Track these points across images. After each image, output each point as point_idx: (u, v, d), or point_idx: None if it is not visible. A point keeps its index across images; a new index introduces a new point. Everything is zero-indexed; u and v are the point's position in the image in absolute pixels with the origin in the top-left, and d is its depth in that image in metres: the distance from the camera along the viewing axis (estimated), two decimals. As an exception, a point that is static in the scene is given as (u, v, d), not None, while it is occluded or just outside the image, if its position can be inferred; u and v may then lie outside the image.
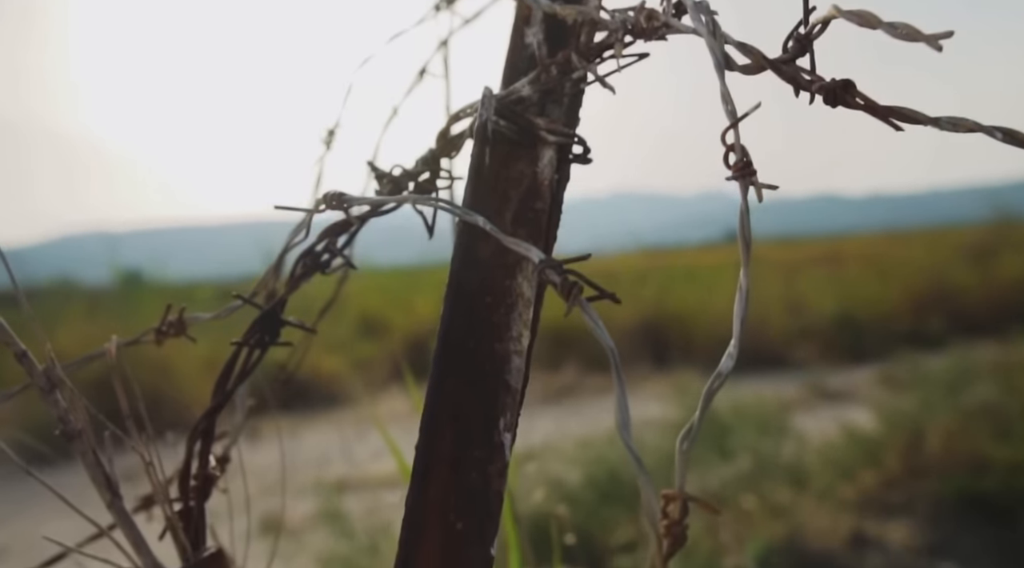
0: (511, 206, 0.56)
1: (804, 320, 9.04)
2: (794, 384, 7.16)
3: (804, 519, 4.11)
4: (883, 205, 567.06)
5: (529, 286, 0.55)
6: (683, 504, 0.42)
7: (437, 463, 0.52)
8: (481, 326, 0.54)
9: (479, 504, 0.52)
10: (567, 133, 0.58)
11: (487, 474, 0.52)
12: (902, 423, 4.97)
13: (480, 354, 0.53)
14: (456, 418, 0.53)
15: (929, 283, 9.77)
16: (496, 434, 0.52)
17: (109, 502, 0.59)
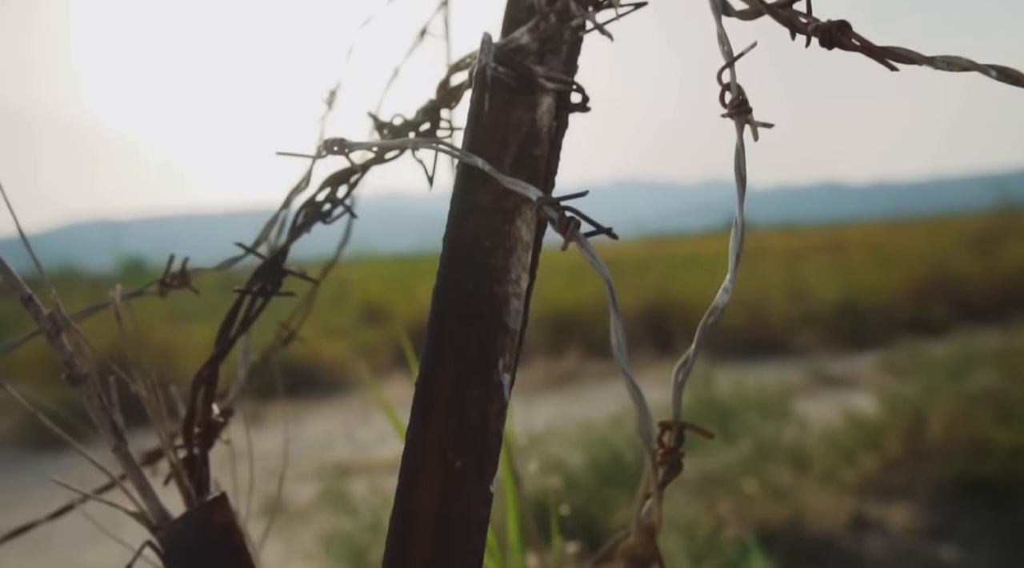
0: (510, 152, 0.56)
1: (806, 307, 9.04)
2: (796, 370, 7.17)
3: (805, 502, 4.13)
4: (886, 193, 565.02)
5: (528, 230, 0.56)
6: (679, 432, 0.42)
7: (436, 403, 0.53)
8: (480, 270, 0.54)
9: (478, 443, 0.52)
10: (565, 81, 0.58)
11: (486, 413, 0.53)
12: (904, 408, 4.98)
13: (479, 297, 0.54)
14: (455, 359, 0.53)
15: (932, 270, 9.76)
16: (495, 374, 0.53)
17: (115, 446, 0.59)
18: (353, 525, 2.88)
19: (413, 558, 0.51)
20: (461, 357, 0.53)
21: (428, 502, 0.51)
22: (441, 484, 0.51)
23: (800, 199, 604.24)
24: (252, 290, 0.62)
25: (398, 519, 0.52)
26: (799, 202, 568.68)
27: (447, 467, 0.52)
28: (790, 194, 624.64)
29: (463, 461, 0.52)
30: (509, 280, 0.55)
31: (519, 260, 0.55)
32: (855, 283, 9.71)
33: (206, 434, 0.64)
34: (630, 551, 0.36)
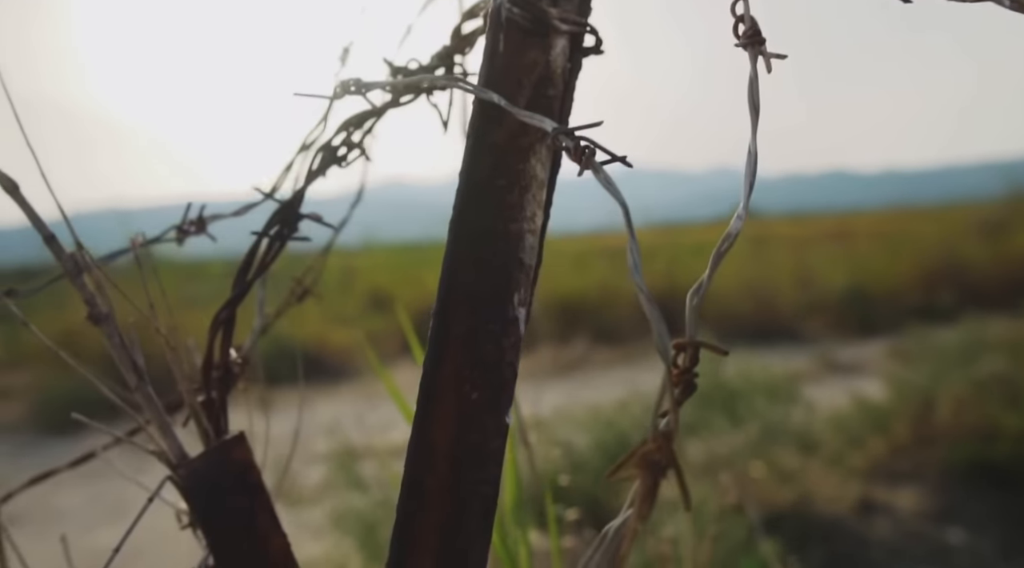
0: (524, 93, 0.57)
1: (814, 294, 9.03)
2: (804, 357, 7.17)
3: (812, 485, 4.13)
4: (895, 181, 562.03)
5: (543, 169, 0.57)
6: (693, 352, 0.43)
7: (452, 336, 0.53)
8: (495, 207, 0.55)
9: (494, 375, 0.53)
10: (579, 22, 0.58)
11: (501, 347, 0.53)
12: (911, 393, 4.98)
13: (494, 234, 0.55)
14: (471, 294, 0.54)
15: (941, 258, 9.73)
16: (511, 309, 0.54)
17: (135, 385, 0.60)
18: (362, 501, 2.90)
19: (430, 487, 0.52)
20: (476, 292, 0.54)
21: (444, 433, 0.52)
22: (457, 415, 0.52)
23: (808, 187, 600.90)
24: (268, 234, 0.62)
25: (415, 449, 0.53)
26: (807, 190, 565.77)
27: (463, 399, 0.52)
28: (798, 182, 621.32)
29: (479, 393, 0.52)
30: (524, 217, 0.55)
31: (534, 198, 0.56)
32: (863, 270, 9.69)
33: (224, 377, 0.65)
34: (648, 456, 0.37)
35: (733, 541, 2.84)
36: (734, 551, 2.74)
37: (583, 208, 53.60)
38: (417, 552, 0.51)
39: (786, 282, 9.31)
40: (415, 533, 0.51)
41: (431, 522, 0.51)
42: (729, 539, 2.85)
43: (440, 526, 0.51)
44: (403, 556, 0.51)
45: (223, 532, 0.60)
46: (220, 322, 0.63)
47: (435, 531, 0.51)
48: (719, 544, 2.80)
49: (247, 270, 0.63)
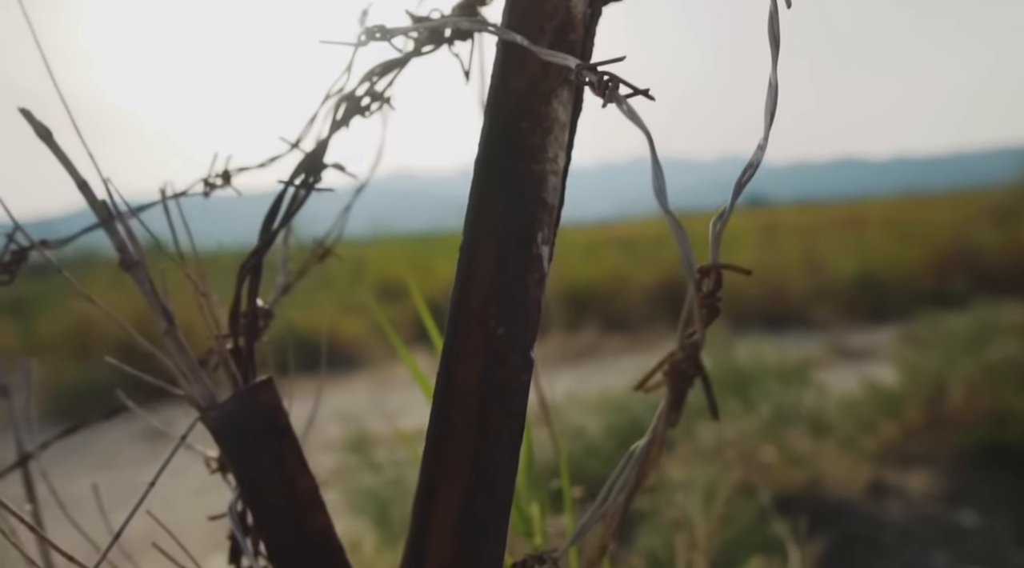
0: (546, 37, 0.58)
1: (825, 281, 9.01)
2: (815, 343, 7.16)
3: (824, 468, 4.14)
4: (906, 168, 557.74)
5: (564, 111, 0.57)
6: (717, 277, 0.44)
7: (478, 274, 0.54)
8: (518, 149, 0.56)
9: (519, 311, 0.54)
10: (600, -32, 0.59)
11: (526, 283, 0.54)
12: (923, 377, 4.97)
13: (518, 174, 0.56)
14: (495, 233, 0.55)
15: (952, 244, 9.68)
16: (535, 247, 0.55)
17: (165, 330, 0.62)
18: (376, 481, 2.93)
19: (457, 421, 0.53)
20: (501, 231, 0.55)
21: (471, 368, 0.53)
22: (483, 351, 0.53)
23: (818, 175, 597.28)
24: (294, 182, 0.63)
25: (442, 384, 0.54)
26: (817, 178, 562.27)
27: (489, 335, 0.53)
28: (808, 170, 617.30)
29: (505, 328, 0.54)
30: (547, 158, 0.56)
31: (556, 139, 0.57)
32: (874, 257, 9.66)
33: (252, 324, 0.66)
34: (676, 365, 0.38)
35: (744, 521, 2.85)
36: (745, 531, 2.75)
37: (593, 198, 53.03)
38: (445, 484, 0.52)
39: (796, 269, 9.29)
40: (443, 466, 0.52)
41: (459, 455, 0.52)
42: (740, 519, 2.86)
43: (467, 458, 0.52)
44: (431, 488, 0.52)
45: (252, 473, 0.61)
46: (247, 270, 0.65)
47: (462, 463, 0.52)
48: (730, 525, 2.81)
49: (272, 220, 0.64)
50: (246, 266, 0.64)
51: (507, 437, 0.53)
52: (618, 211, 17.30)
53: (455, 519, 0.51)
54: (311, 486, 0.63)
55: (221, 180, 0.69)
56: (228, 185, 0.69)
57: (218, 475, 0.74)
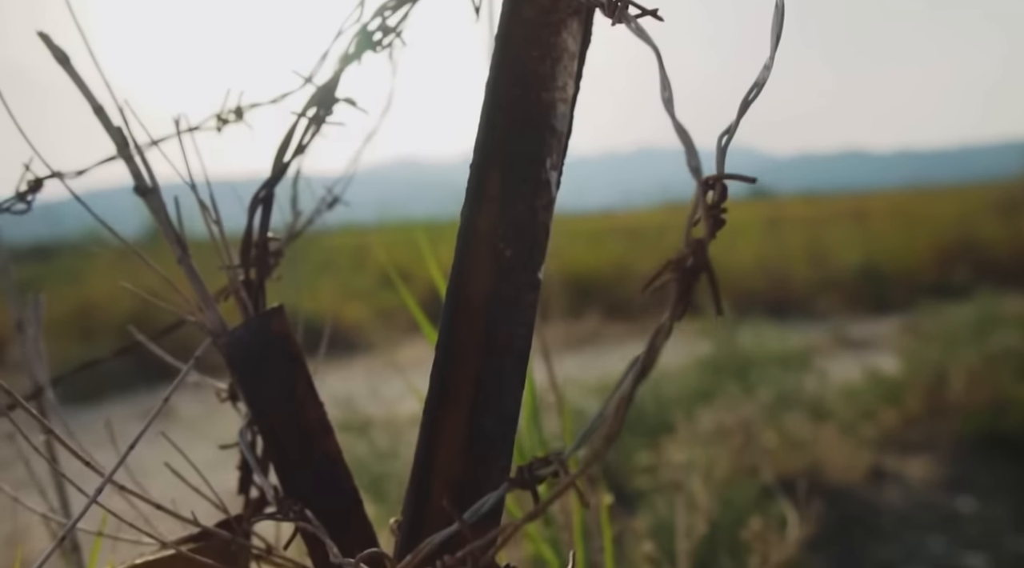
0: (557, -31, 0.58)
1: (828, 272, 9.01)
2: (817, 332, 7.17)
3: (824, 454, 4.15)
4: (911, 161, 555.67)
5: (574, 42, 0.58)
6: (722, 189, 0.45)
7: (486, 199, 0.55)
8: (528, 77, 0.57)
9: (527, 233, 0.55)
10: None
11: (534, 207, 0.55)
12: (925, 366, 4.98)
13: (527, 102, 0.57)
14: (504, 159, 0.56)
15: (956, 236, 9.68)
16: (543, 172, 0.56)
17: (179, 257, 0.63)
18: (371, 455, 2.94)
19: (466, 339, 0.54)
20: (510, 156, 0.56)
21: (479, 287, 0.54)
22: (491, 271, 0.54)
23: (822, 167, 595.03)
24: (306, 114, 0.64)
25: (450, 304, 0.55)
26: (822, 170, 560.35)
27: (497, 256, 0.54)
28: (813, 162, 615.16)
29: (512, 250, 0.55)
30: (556, 87, 0.57)
31: (565, 69, 0.58)
32: (878, 249, 9.65)
33: (262, 256, 0.67)
34: (682, 261, 0.39)
35: (744, 498, 2.87)
36: (745, 505, 2.76)
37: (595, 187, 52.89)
38: (453, 401, 0.53)
39: (800, 260, 9.29)
40: (451, 383, 0.54)
41: (466, 371, 0.53)
42: (740, 497, 2.88)
43: (474, 376, 0.53)
44: (439, 408, 0.54)
45: (263, 398, 0.62)
46: (259, 201, 0.66)
47: (470, 380, 0.53)
48: (730, 502, 2.83)
49: (284, 151, 0.65)
50: (258, 197, 0.65)
51: (514, 354, 0.54)
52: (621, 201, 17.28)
53: (463, 434, 0.52)
54: (320, 413, 0.64)
55: (234, 115, 0.70)
56: (240, 120, 0.70)
57: (224, 452, 0.75)
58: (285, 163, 0.65)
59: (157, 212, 0.62)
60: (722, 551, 1.99)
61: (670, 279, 0.40)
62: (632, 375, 0.44)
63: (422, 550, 0.45)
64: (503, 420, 0.53)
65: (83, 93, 0.59)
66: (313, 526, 0.56)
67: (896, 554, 3.52)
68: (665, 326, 0.40)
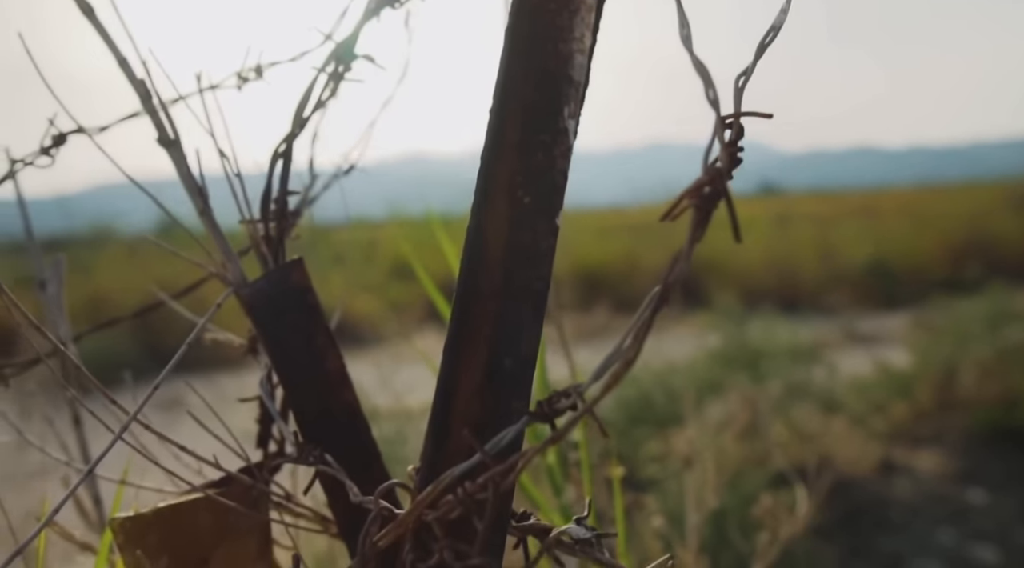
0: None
1: (837, 268, 8.99)
2: (827, 327, 7.15)
3: (834, 446, 4.15)
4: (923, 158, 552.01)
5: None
6: (739, 128, 0.45)
7: (506, 144, 0.56)
8: (545, 29, 0.57)
9: (545, 180, 0.56)
10: None
11: (552, 155, 0.56)
12: (935, 360, 4.96)
13: (545, 53, 0.57)
14: (522, 108, 0.56)
15: (967, 233, 9.64)
16: (561, 121, 0.56)
17: (201, 209, 0.64)
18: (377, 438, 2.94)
19: (483, 284, 0.54)
20: (528, 105, 0.56)
21: (497, 233, 0.55)
22: (509, 217, 0.55)
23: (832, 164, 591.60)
24: (325, 70, 0.65)
25: (469, 249, 0.56)
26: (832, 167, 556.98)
27: (515, 203, 0.55)
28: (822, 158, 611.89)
29: (531, 197, 0.55)
30: (573, 38, 0.58)
31: (583, 20, 0.58)
32: (888, 245, 9.62)
33: (282, 210, 0.68)
34: (699, 188, 0.39)
35: (753, 487, 2.87)
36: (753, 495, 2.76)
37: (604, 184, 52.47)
38: (472, 343, 0.54)
39: (809, 256, 9.27)
40: (470, 326, 0.54)
41: (485, 315, 0.54)
42: (749, 485, 2.88)
43: (494, 318, 0.54)
44: (459, 349, 0.54)
45: (284, 348, 0.63)
46: (278, 155, 0.66)
47: (489, 322, 0.54)
48: (739, 491, 2.83)
49: (304, 106, 0.66)
50: (277, 152, 0.66)
51: (533, 299, 0.54)
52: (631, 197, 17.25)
53: (482, 374, 0.53)
54: (339, 364, 0.65)
55: (254, 73, 0.71)
56: (260, 78, 0.71)
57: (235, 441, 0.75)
58: (304, 118, 0.66)
59: (179, 164, 0.63)
60: (732, 529, 2.00)
61: (689, 205, 0.40)
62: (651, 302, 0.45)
63: (443, 481, 0.45)
64: (521, 361, 0.53)
65: (107, 45, 0.60)
66: (333, 469, 0.57)
67: (906, 546, 3.52)
68: (684, 251, 0.40)
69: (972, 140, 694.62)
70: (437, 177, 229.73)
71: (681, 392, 4.08)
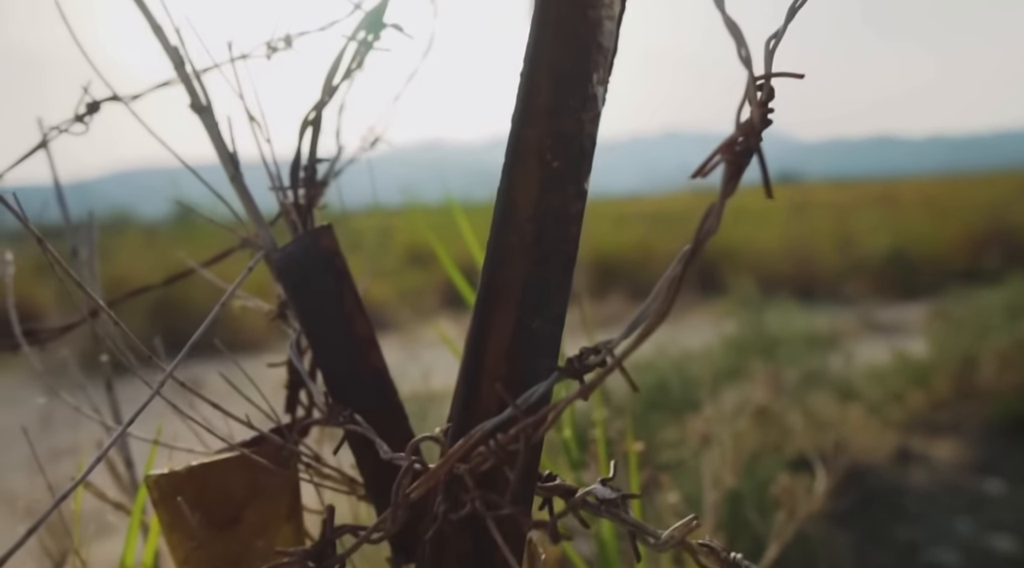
0: None
1: (856, 257, 8.93)
2: (845, 316, 7.12)
3: (850, 434, 4.13)
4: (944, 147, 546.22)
5: (621, -40, 0.59)
6: (770, 88, 0.46)
7: (536, 109, 0.57)
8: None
9: (574, 146, 0.56)
10: None
11: (581, 121, 0.57)
12: (953, 350, 4.93)
13: (574, 20, 0.58)
14: (553, 73, 0.57)
15: (988, 223, 9.54)
16: (590, 86, 0.57)
17: (232, 175, 0.65)
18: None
19: (514, 245, 0.55)
20: (557, 72, 0.57)
21: (527, 195, 0.56)
22: (539, 182, 0.56)
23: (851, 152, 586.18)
24: (355, 37, 0.66)
25: (500, 210, 0.56)
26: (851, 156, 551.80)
27: (545, 167, 0.56)
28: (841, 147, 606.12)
29: (560, 162, 0.56)
30: (603, 4, 0.58)
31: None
32: (907, 234, 9.55)
33: (311, 177, 0.69)
34: (731, 143, 0.40)
35: (769, 471, 2.87)
36: (769, 478, 2.76)
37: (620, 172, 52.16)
38: (502, 303, 0.55)
39: (828, 245, 9.21)
40: (500, 286, 0.55)
41: (515, 276, 0.55)
42: (765, 470, 2.88)
43: (524, 278, 0.55)
44: (488, 309, 0.55)
45: (313, 311, 0.64)
46: (308, 123, 0.67)
47: (519, 283, 0.55)
48: (755, 475, 2.84)
49: (333, 74, 0.67)
50: (307, 119, 0.67)
51: (561, 260, 0.55)
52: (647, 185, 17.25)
53: (511, 334, 0.54)
54: (368, 327, 0.66)
55: (283, 43, 0.71)
56: (290, 48, 0.72)
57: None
58: (334, 86, 0.67)
59: (210, 129, 0.63)
60: (748, 510, 2.00)
61: (721, 160, 0.41)
62: (683, 258, 0.45)
63: (474, 434, 0.46)
64: (550, 321, 0.54)
65: (142, 11, 0.61)
66: (363, 428, 0.58)
67: (922, 534, 3.51)
68: (716, 206, 0.41)
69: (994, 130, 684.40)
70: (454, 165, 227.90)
71: (698, 379, 4.08)
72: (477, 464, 0.45)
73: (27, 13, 72.54)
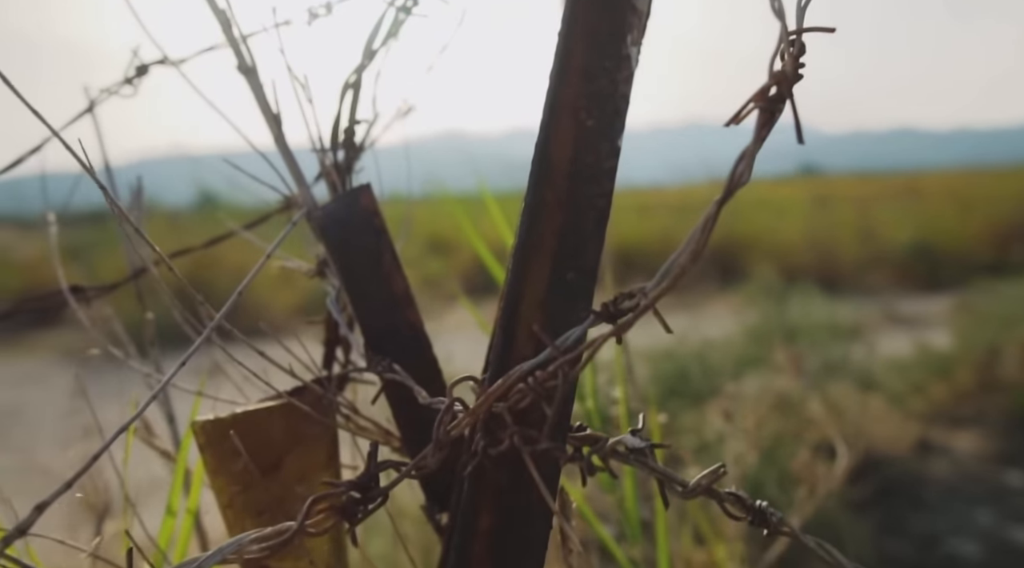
0: None
1: (879, 249, 8.87)
2: (867, 308, 7.08)
3: (871, 424, 4.12)
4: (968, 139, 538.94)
5: (656, -75, 0.61)
6: (801, 44, 0.47)
7: (571, 71, 0.58)
8: (612, -42, 0.59)
9: (608, 105, 0.58)
10: None
11: (615, 80, 0.58)
12: (977, 342, 4.90)
13: (610, -18, 0.59)
14: (588, 34, 0.59)
15: (1012, 216, 9.44)
16: (624, 47, 0.59)
17: (275, 136, 0.67)
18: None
19: (549, 199, 0.57)
20: (592, 33, 0.59)
21: (562, 152, 0.57)
22: (574, 140, 0.57)
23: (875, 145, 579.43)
24: (394, 2, 0.68)
25: (537, 166, 0.58)
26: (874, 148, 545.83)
27: (579, 125, 0.58)
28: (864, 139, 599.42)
29: (594, 120, 0.58)
30: (638, -33, 0.60)
31: (648, -50, 0.60)
32: (930, 227, 9.46)
33: (350, 140, 0.71)
34: (764, 91, 0.41)
35: (788, 458, 2.88)
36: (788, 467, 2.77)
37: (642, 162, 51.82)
38: (537, 255, 0.57)
39: (850, 236, 9.16)
40: (535, 239, 0.57)
41: (551, 229, 0.57)
42: (785, 455, 2.89)
43: (559, 231, 0.56)
44: (525, 259, 0.57)
45: (352, 268, 0.67)
46: (348, 86, 0.69)
47: (555, 235, 0.56)
48: (774, 460, 2.85)
49: (373, 38, 0.69)
50: (347, 82, 0.69)
51: (595, 215, 0.57)
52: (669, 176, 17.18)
53: (547, 283, 0.56)
54: (405, 285, 0.68)
55: (324, 9, 0.74)
56: (330, 14, 0.74)
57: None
58: (373, 50, 0.69)
59: (256, 90, 0.66)
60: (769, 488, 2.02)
61: (755, 107, 0.42)
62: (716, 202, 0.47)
63: (513, 374, 0.48)
64: (585, 272, 0.56)
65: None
66: (401, 376, 0.60)
67: (942, 525, 3.50)
68: (749, 150, 0.42)
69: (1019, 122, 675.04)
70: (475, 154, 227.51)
71: (718, 367, 4.08)
72: (515, 402, 0.47)
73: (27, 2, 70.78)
